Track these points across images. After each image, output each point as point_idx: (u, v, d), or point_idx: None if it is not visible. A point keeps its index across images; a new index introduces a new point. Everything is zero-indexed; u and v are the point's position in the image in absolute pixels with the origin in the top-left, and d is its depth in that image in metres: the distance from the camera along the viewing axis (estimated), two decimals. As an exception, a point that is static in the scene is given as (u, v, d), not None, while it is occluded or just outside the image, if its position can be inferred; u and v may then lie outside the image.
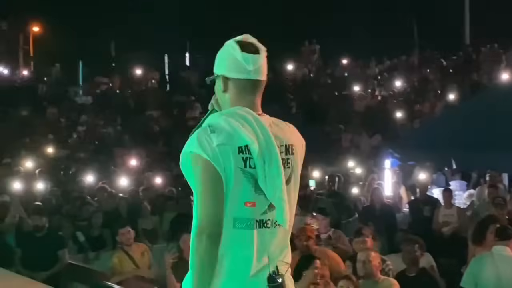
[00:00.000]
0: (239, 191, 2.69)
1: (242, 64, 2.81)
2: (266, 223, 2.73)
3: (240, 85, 2.84)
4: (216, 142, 2.69)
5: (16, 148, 18.15)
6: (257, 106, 2.85)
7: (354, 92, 21.97)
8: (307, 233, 7.30)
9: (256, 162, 2.71)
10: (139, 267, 8.18)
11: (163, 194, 12.05)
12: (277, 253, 2.77)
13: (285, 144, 2.83)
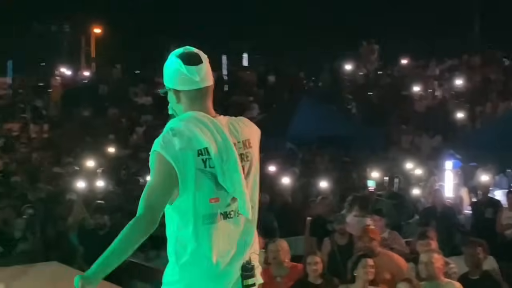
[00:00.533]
0: (203, 190, 2.95)
1: (189, 77, 3.07)
2: (229, 214, 2.99)
3: (191, 95, 3.10)
4: (178, 146, 2.93)
5: (78, 148, 18.50)
6: (210, 109, 3.13)
7: (414, 92, 21.67)
8: (369, 235, 7.22)
9: (215, 162, 2.96)
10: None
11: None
12: (244, 241, 3.03)
13: (242, 140, 3.09)
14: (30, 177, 14.46)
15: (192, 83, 3.10)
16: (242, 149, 3.09)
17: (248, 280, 3.02)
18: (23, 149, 19.01)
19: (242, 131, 3.14)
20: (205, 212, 2.97)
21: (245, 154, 3.10)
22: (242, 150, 3.09)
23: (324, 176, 13.31)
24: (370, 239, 7.16)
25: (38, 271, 7.79)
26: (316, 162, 15.62)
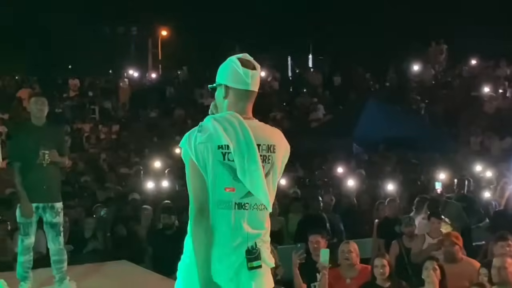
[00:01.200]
0: (220, 179, 3.33)
1: (243, 77, 3.44)
2: (244, 206, 3.35)
3: (239, 93, 3.47)
4: (199, 140, 3.33)
5: (145, 149, 18.77)
6: (247, 111, 3.48)
7: (484, 93, 21.22)
8: (451, 239, 7.07)
9: (235, 157, 3.31)
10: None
11: (287, 195, 12.08)
12: (255, 231, 3.36)
13: (267, 143, 3.41)
14: (99, 177, 14.74)
15: (243, 84, 3.46)
16: (266, 151, 3.40)
17: (253, 263, 3.32)
18: (92, 149, 19.40)
19: (270, 136, 3.46)
20: (220, 197, 3.33)
21: (268, 157, 3.40)
22: (265, 152, 3.40)
23: (391, 178, 13.15)
24: (452, 243, 7.00)
25: (108, 270, 7.93)
26: (383, 164, 15.44)
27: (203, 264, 3.28)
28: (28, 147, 6.56)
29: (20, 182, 6.58)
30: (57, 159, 6.63)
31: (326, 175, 14.40)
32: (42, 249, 8.43)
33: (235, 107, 3.46)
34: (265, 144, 3.41)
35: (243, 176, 3.31)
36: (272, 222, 10.12)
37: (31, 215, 6.56)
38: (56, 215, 6.63)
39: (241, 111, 3.45)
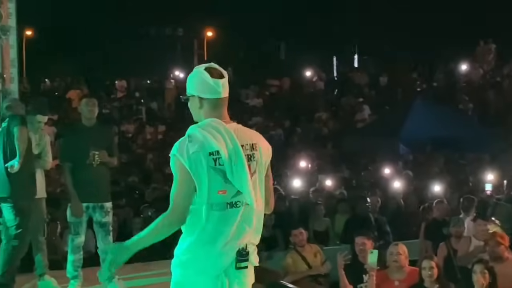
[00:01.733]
0: (213, 183, 3.56)
1: (214, 88, 3.68)
2: (236, 204, 3.58)
3: (213, 103, 3.70)
4: (191, 150, 3.55)
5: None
6: (224, 116, 3.71)
7: (533, 93, 20.84)
8: (496, 239, 6.97)
9: (224, 161, 3.55)
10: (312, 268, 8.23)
11: (334, 196, 12.04)
12: (243, 228, 3.58)
13: (249, 143, 3.64)
14: (146, 177, 14.88)
15: (215, 93, 3.69)
16: (249, 151, 3.63)
17: (241, 263, 3.57)
18: (138, 150, 19.58)
19: (251, 136, 3.69)
20: (214, 201, 3.56)
21: (252, 155, 3.63)
22: (249, 151, 3.63)
23: (439, 179, 13.00)
24: (497, 243, 6.90)
25: (155, 269, 8.00)
26: (430, 165, 15.27)
27: (142, 243, 3.70)
28: (79, 147, 6.67)
29: (71, 182, 6.69)
30: (107, 160, 6.73)
31: (372, 176, 14.31)
32: (91, 248, 8.56)
33: (213, 115, 3.68)
34: (248, 143, 3.64)
35: (232, 176, 3.55)
36: (318, 223, 10.17)
37: (81, 215, 6.67)
38: (106, 214, 6.73)
39: (219, 117, 3.68)
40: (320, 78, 26.58)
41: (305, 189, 12.54)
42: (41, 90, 26.40)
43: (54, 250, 8.90)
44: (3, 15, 7.44)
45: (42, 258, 6.96)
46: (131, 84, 26.92)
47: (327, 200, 11.74)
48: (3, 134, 6.51)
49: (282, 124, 20.96)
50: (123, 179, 14.08)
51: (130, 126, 21.72)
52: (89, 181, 6.63)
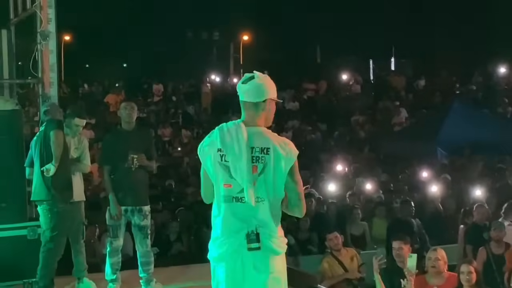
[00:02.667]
0: (220, 177, 3.97)
1: (239, 91, 4.08)
2: (241, 199, 3.91)
3: (241, 105, 4.09)
4: (205, 144, 4.04)
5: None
6: (251, 119, 4.03)
7: None
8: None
9: (229, 158, 3.92)
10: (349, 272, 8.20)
11: (372, 199, 11.96)
12: (252, 220, 3.89)
13: (261, 147, 3.92)
14: (183, 181, 14.95)
15: (240, 96, 4.07)
16: (259, 153, 3.91)
17: (251, 245, 3.88)
18: (175, 153, 19.70)
19: (267, 141, 3.93)
20: (222, 193, 3.97)
21: (261, 158, 3.91)
22: (258, 153, 3.91)
23: (478, 183, 12.83)
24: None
25: (192, 273, 8.02)
26: (469, 169, 15.09)
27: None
28: (118, 151, 6.73)
29: (110, 186, 6.75)
30: (145, 163, 6.78)
31: (410, 180, 14.19)
32: (129, 251, 8.63)
33: (243, 116, 4.07)
34: (259, 147, 3.91)
35: (235, 174, 3.89)
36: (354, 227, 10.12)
37: (120, 218, 6.73)
38: (144, 218, 6.78)
39: (246, 119, 4.03)
40: (357, 81, 26.46)
41: (342, 192, 12.47)
42: (80, 94, 26.73)
43: (93, 253, 9.00)
44: (43, 21, 7.54)
45: (81, 260, 7.03)
46: (168, 88, 27.10)
47: (364, 204, 11.67)
48: (41, 138, 6.61)
49: (318, 127, 20.91)
50: (160, 183, 14.17)
51: (166, 130, 21.86)
52: (127, 184, 6.69)
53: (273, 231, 3.94)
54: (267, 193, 3.92)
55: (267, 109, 4.05)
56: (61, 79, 24.19)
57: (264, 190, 3.92)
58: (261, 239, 3.89)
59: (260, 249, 3.88)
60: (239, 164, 3.89)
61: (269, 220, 3.94)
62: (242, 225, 3.91)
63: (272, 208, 3.95)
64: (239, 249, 3.91)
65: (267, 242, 3.91)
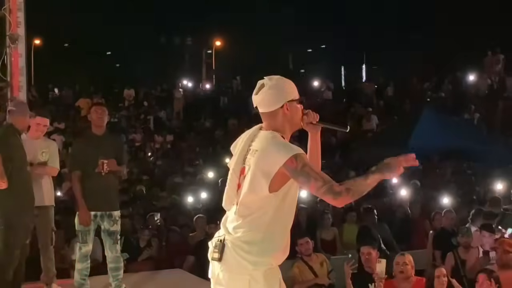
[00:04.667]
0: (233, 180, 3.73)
1: (254, 103, 3.72)
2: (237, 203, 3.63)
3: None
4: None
5: (199, 158, 18.92)
6: (265, 126, 3.68)
7: (542, 103, 20.82)
8: (504, 247, 6.96)
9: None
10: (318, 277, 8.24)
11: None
12: (227, 226, 3.61)
13: (254, 148, 3.60)
14: (154, 186, 14.90)
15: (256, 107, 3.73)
16: (250, 155, 3.60)
17: (213, 254, 3.58)
18: (147, 159, 19.64)
19: (260, 143, 3.60)
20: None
21: (248, 159, 3.59)
22: (248, 154, 3.61)
23: (447, 189, 12.98)
24: (505, 251, 6.89)
25: (162, 278, 8.03)
26: (438, 175, 15.26)
27: None
28: (88, 156, 6.69)
29: (79, 191, 6.71)
30: (116, 168, 6.74)
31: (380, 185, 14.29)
32: (98, 257, 8.58)
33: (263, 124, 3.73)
34: (253, 148, 3.62)
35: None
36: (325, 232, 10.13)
37: (89, 223, 6.68)
38: (114, 223, 6.74)
39: (265, 125, 3.68)
40: (328, 88, 26.61)
41: (313, 198, 12.53)
42: (50, 98, 26.53)
43: (62, 258, 8.93)
44: (12, 24, 7.48)
45: (50, 266, 6.97)
46: (140, 93, 27.03)
47: (334, 209, 11.73)
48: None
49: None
50: (131, 188, 14.12)
51: (138, 135, 21.80)
52: (97, 189, 6.64)
53: (238, 245, 3.53)
54: (246, 197, 3.55)
55: (287, 114, 3.64)
56: (31, 83, 24.01)
57: (245, 194, 3.55)
58: (224, 251, 3.55)
59: (218, 260, 3.56)
60: (234, 167, 3.69)
61: (238, 227, 3.56)
62: (222, 230, 3.64)
63: (248, 217, 3.54)
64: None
65: (227, 257, 3.54)
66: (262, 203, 3.51)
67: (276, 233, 3.55)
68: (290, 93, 3.68)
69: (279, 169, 3.43)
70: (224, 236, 3.57)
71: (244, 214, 3.55)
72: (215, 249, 3.58)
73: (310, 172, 3.41)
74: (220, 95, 27.19)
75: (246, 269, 3.50)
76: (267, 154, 3.51)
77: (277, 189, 3.49)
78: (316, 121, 3.78)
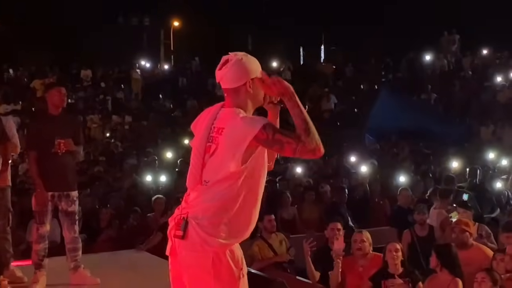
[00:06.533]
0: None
1: (217, 79, 3.72)
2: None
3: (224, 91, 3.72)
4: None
5: (158, 139, 18.84)
6: (227, 103, 3.65)
7: (496, 83, 21.16)
8: (461, 226, 7.07)
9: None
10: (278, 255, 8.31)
11: (301, 184, 12.11)
12: (191, 203, 3.56)
13: (219, 126, 3.56)
14: (112, 167, 14.82)
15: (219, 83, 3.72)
16: (215, 133, 3.56)
17: (175, 232, 3.53)
18: (105, 139, 19.50)
19: (225, 121, 3.57)
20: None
21: (214, 138, 3.55)
22: (214, 133, 3.56)
23: (404, 167, 13.15)
24: (462, 230, 7.00)
25: (122, 259, 8.00)
26: (396, 154, 15.45)
27: None
28: (45, 136, 6.60)
29: (36, 171, 6.63)
30: (73, 148, 6.67)
31: (339, 165, 14.42)
32: (56, 238, 8.51)
33: (226, 101, 3.69)
34: (217, 127, 3.57)
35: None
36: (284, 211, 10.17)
37: (46, 204, 6.61)
38: (72, 203, 6.68)
39: (227, 102, 3.67)
40: (287, 68, 26.66)
41: (272, 178, 12.59)
42: (5, 80, 26.09)
43: (19, 239, 8.84)
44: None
45: (7, 247, 6.90)
46: (97, 74, 26.74)
47: (294, 189, 11.81)
48: None
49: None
50: (89, 169, 14.02)
51: (95, 116, 21.60)
52: (54, 169, 6.57)
53: (198, 219, 3.48)
54: (213, 175, 3.51)
55: (250, 92, 3.62)
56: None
57: (212, 172, 3.52)
58: (188, 227, 3.49)
59: (180, 238, 3.50)
60: (194, 143, 3.67)
61: (206, 206, 3.50)
62: (185, 208, 3.56)
63: (214, 194, 3.50)
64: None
65: (193, 233, 3.48)
66: (230, 181, 3.48)
67: (243, 211, 3.53)
68: (254, 70, 3.66)
69: (250, 143, 3.43)
70: (188, 214, 3.52)
71: (210, 192, 3.51)
72: (177, 226, 3.52)
73: (282, 138, 3.43)
74: (178, 76, 27.05)
75: (211, 247, 3.46)
76: (236, 130, 3.49)
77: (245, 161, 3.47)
78: (277, 101, 3.76)
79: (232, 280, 3.50)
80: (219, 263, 3.47)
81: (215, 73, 3.68)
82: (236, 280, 3.51)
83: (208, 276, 3.46)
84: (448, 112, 19.54)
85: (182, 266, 3.55)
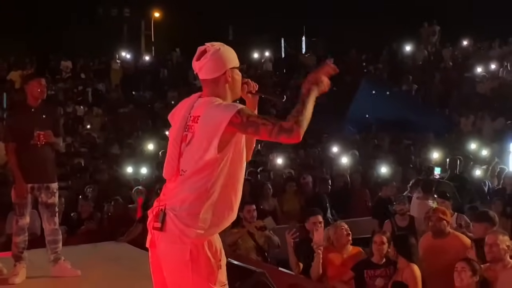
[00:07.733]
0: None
1: (194, 70, 3.72)
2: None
3: (201, 82, 3.72)
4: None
5: (139, 131, 18.77)
6: (204, 93, 3.65)
7: (477, 74, 21.28)
8: (439, 215, 7.10)
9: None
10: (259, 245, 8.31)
11: (282, 175, 12.12)
12: (169, 194, 3.55)
13: (194, 115, 3.54)
14: (92, 159, 14.74)
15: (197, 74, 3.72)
16: (191, 122, 3.54)
17: (154, 223, 3.52)
18: (85, 131, 19.38)
19: (201, 109, 3.55)
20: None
21: (190, 126, 3.53)
22: (190, 122, 3.54)
23: (385, 158, 13.20)
24: (439, 219, 7.03)
25: (102, 250, 7.97)
26: (376, 145, 15.50)
27: None
28: (24, 127, 6.55)
29: (15, 163, 6.58)
30: (52, 140, 6.63)
31: (320, 155, 14.46)
32: (36, 230, 8.46)
33: (204, 91, 3.69)
34: (193, 115, 3.55)
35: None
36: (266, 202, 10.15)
37: (25, 196, 6.57)
38: (52, 195, 6.64)
39: (203, 93, 3.67)
40: (269, 59, 26.63)
41: (254, 169, 12.59)
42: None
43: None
44: None
45: (-14, 240, 6.85)
46: (77, 65, 26.55)
47: (275, 180, 11.82)
48: None
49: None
50: (69, 161, 13.93)
51: (75, 107, 21.48)
52: (34, 161, 6.53)
53: (175, 210, 3.47)
54: (190, 164, 3.49)
55: (229, 81, 3.63)
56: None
57: (189, 161, 3.49)
58: (166, 218, 3.48)
59: (159, 230, 3.49)
60: (171, 133, 3.65)
61: (183, 197, 3.48)
62: (163, 200, 3.55)
63: (191, 184, 3.48)
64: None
65: (171, 224, 3.47)
66: (207, 170, 3.45)
67: (222, 200, 3.51)
68: (232, 60, 3.67)
69: (225, 128, 3.40)
70: (165, 206, 3.51)
71: (187, 182, 3.49)
72: (156, 218, 3.51)
73: (257, 120, 3.41)
74: (159, 67, 26.93)
75: (189, 238, 3.44)
76: (211, 117, 3.47)
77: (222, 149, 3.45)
78: (255, 91, 3.75)
79: (210, 271, 3.49)
80: (197, 255, 3.46)
81: (193, 64, 3.66)
82: (214, 271, 3.50)
83: (186, 268, 3.45)
84: (429, 103, 19.63)
85: (161, 258, 3.53)
